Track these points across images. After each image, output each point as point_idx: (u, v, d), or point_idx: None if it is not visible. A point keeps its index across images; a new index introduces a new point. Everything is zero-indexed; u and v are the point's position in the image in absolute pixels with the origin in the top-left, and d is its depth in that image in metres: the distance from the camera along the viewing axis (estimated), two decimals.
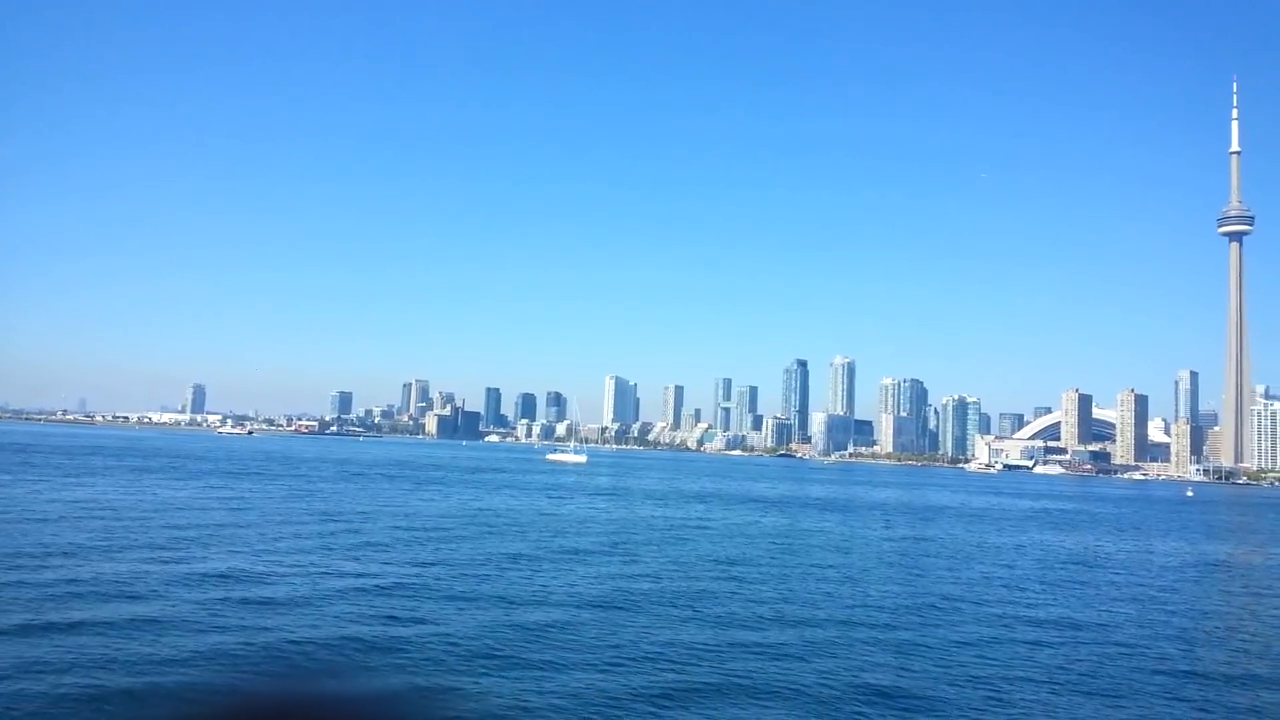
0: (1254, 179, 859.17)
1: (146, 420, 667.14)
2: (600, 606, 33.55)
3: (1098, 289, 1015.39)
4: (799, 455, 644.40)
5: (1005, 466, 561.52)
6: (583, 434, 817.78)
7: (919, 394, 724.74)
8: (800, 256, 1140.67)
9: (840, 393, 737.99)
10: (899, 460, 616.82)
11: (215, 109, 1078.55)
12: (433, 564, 41.90)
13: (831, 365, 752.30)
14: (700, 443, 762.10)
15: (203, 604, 30.06)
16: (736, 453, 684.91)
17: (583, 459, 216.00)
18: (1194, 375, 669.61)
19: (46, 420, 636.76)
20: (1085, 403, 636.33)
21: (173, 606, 29.47)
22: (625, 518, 74.31)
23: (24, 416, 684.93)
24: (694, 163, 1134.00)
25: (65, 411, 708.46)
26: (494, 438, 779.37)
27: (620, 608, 33.46)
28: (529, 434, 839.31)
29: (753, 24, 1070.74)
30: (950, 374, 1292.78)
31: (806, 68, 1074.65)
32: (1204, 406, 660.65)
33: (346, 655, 24.22)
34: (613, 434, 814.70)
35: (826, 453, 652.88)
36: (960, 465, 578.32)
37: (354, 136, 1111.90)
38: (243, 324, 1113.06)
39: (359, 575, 37.72)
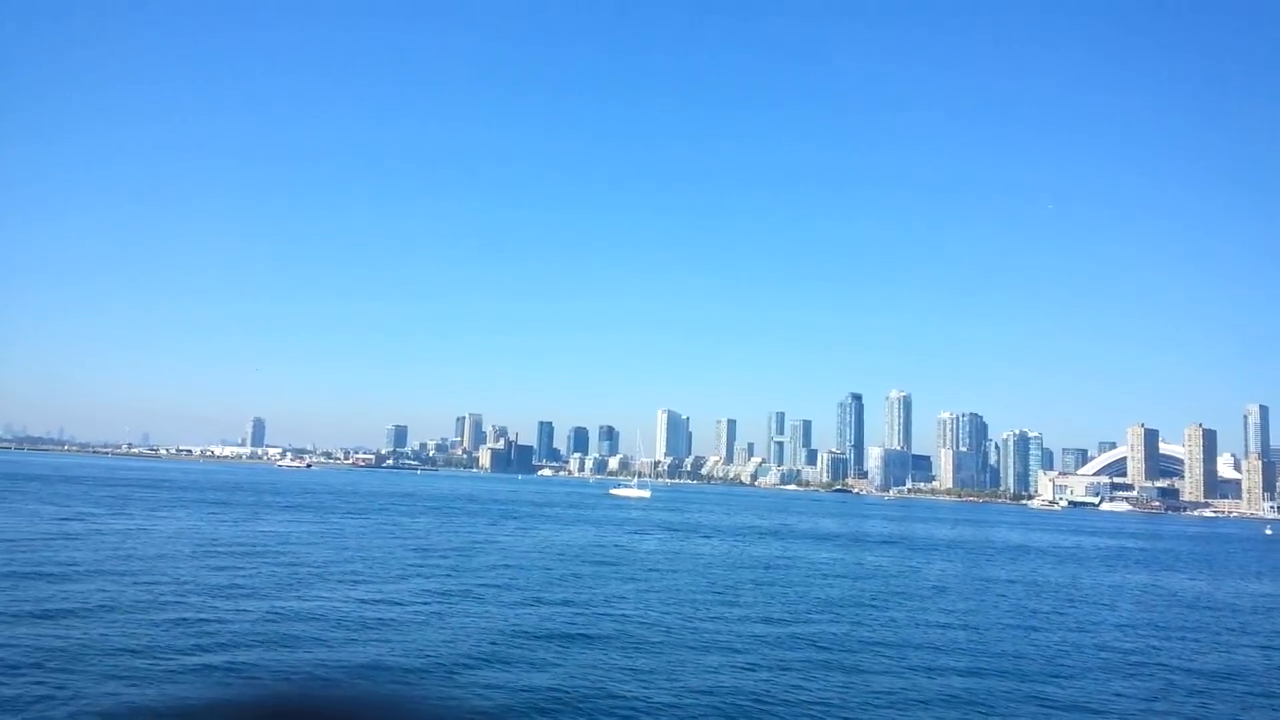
0: None
1: (210, 454, 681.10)
2: (763, 652, 33.53)
3: (1162, 321, 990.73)
4: (855, 491, 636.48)
5: (1070, 503, 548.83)
6: (635, 468, 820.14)
7: (978, 428, 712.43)
8: (854, 289, 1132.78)
9: (897, 427, 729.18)
10: (959, 497, 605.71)
11: (257, 132, 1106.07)
12: (564, 604, 41.92)
13: (887, 399, 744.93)
14: (754, 477, 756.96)
15: (384, 651, 30.64)
16: (791, 487, 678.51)
17: (646, 494, 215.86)
18: (1264, 409, 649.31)
19: (113, 453, 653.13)
20: (1151, 438, 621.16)
21: (364, 649, 30.15)
22: (712, 554, 74.06)
23: (90, 450, 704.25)
24: (747, 195, 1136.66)
25: (130, 445, 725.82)
26: (547, 471, 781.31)
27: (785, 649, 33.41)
28: (581, 468, 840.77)
29: (802, 53, 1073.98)
30: (1010, 408, 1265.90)
31: (861, 98, 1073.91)
32: (1275, 441, 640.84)
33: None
34: (665, 468, 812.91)
35: (884, 488, 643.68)
36: (1023, 502, 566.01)
37: (408, 164, 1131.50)
38: (299, 357, 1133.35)
39: (508, 616, 38.09)
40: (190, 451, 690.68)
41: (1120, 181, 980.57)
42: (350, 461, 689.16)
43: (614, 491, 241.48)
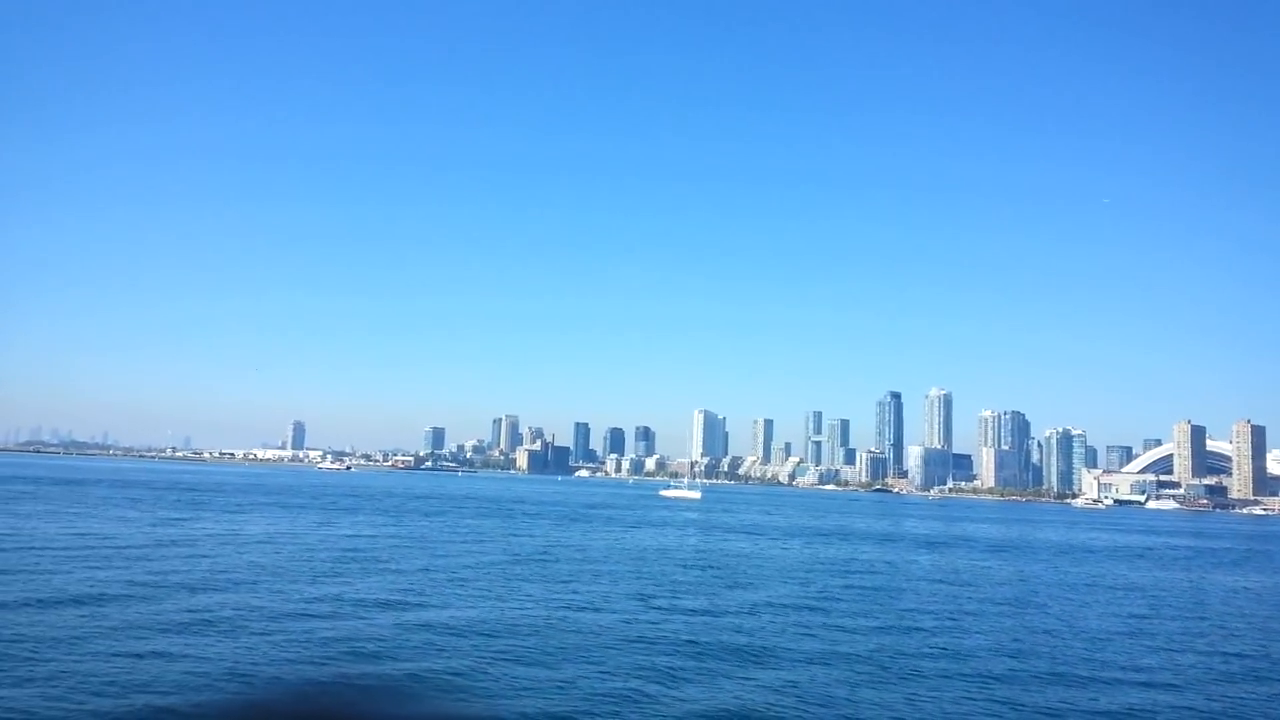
0: None
1: (252, 457, 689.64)
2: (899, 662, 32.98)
3: (1208, 316, 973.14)
4: (895, 490, 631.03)
5: (1115, 501, 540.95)
6: (672, 468, 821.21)
7: (1021, 426, 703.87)
8: (892, 289, 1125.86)
9: (937, 426, 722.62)
10: (1002, 495, 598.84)
11: (288, 131, 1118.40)
12: (696, 613, 41.62)
13: (927, 397, 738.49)
14: (792, 477, 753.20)
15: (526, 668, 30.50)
16: (830, 487, 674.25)
17: (697, 495, 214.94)
18: None
19: (158, 457, 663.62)
20: (1198, 434, 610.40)
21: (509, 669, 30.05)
22: (796, 558, 73.35)
23: (134, 454, 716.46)
24: (785, 195, 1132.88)
25: (174, 449, 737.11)
26: (584, 472, 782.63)
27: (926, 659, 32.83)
28: (618, 469, 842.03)
29: (840, 55, 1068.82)
30: (1053, 406, 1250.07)
31: (898, 98, 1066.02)
32: None
33: None
34: (702, 468, 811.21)
35: (924, 488, 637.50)
36: (1067, 501, 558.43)
37: (444, 165, 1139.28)
38: (336, 360, 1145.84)
39: (641, 624, 37.87)
40: (233, 455, 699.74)
41: (1161, 179, 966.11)
42: (390, 464, 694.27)
43: (664, 493, 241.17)
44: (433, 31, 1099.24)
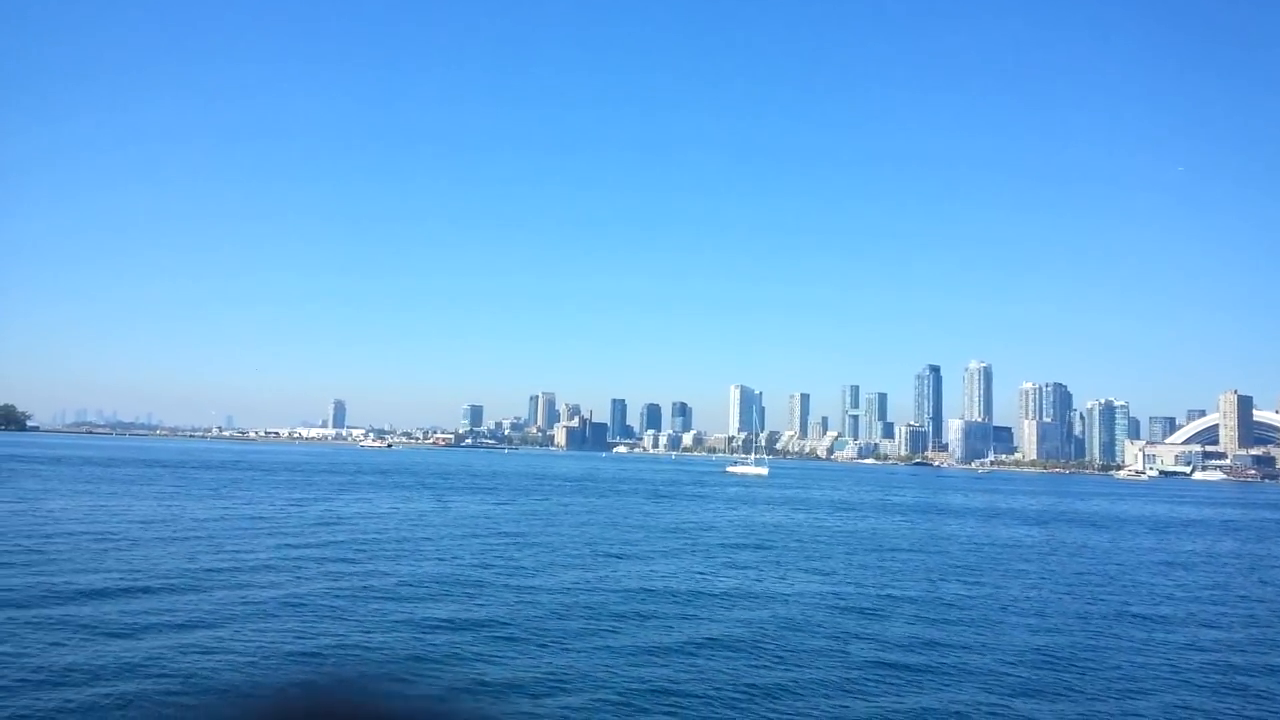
0: None
1: (298, 436, 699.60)
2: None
3: (1251, 283, 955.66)
4: (936, 464, 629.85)
5: (1161, 473, 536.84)
6: (709, 443, 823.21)
7: (1063, 398, 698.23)
8: (928, 262, 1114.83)
9: (976, 398, 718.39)
10: (1045, 468, 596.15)
11: (323, 111, 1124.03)
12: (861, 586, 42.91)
13: (967, 370, 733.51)
14: (830, 451, 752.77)
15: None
16: (869, 461, 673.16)
17: (764, 471, 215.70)
18: None
19: (206, 437, 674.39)
20: (1245, 404, 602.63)
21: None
22: (896, 531, 74.32)
23: (181, 434, 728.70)
24: (815, 174, 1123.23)
25: (220, 429, 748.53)
26: (621, 448, 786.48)
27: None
28: (655, 444, 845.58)
29: (890, 31, 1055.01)
30: (1093, 377, 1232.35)
31: (938, 77, 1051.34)
32: None
33: None
34: (739, 443, 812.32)
35: (965, 461, 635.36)
36: (1111, 473, 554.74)
37: (482, 143, 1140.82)
38: (374, 337, 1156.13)
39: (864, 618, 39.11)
40: (278, 434, 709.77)
41: (1205, 151, 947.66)
42: (431, 441, 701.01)
43: (730, 469, 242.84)
44: (463, 11, 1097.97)
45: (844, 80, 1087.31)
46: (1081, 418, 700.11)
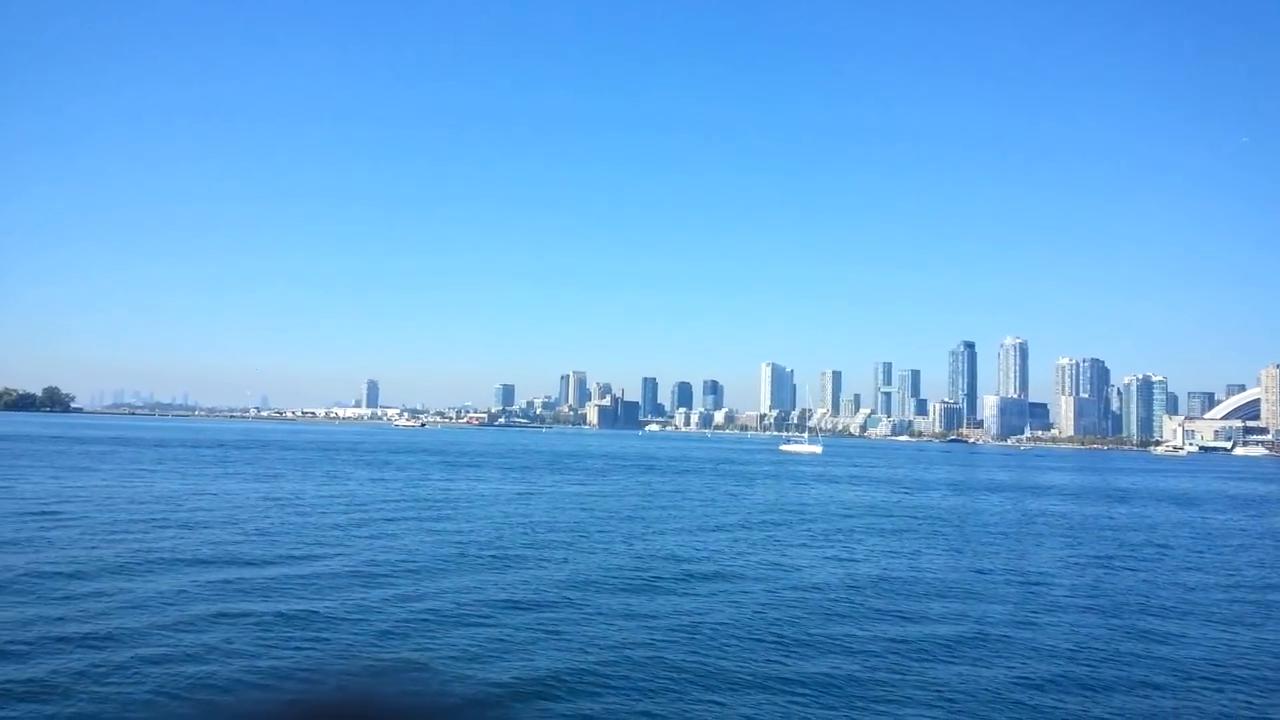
0: None
1: (335, 416, 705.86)
2: None
3: None
4: (971, 440, 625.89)
5: (1201, 449, 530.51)
6: (741, 421, 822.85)
7: (1100, 374, 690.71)
8: (961, 237, 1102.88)
9: (1012, 375, 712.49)
10: (1082, 444, 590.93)
11: (355, 91, 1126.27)
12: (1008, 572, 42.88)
13: (1002, 346, 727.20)
14: (864, 428, 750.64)
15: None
16: (903, 438, 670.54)
17: (818, 449, 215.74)
18: None
19: (244, 417, 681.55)
20: None
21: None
22: (991, 510, 74.15)
23: (218, 414, 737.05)
24: (849, 152, 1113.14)
25: (258, 409, 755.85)
26: (654, 427, 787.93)
27: None
28: (687, 422, 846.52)
29: (914, 10, 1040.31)
30: (1131, 352, 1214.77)
31: (960, 60, 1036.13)
32: None
33: None
34: (772, 421, 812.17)
35: (1001, 437, 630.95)
36: (1150, 449, 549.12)
37: (511, 123, 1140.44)
38: (405, 317, 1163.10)
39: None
40: (314, 414, 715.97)
41: (1234, 121, 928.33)
42: (465, 420, 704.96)
43: (784, 448, 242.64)
44: None
45: (879, 59, 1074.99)
46: (1119, 393, 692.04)
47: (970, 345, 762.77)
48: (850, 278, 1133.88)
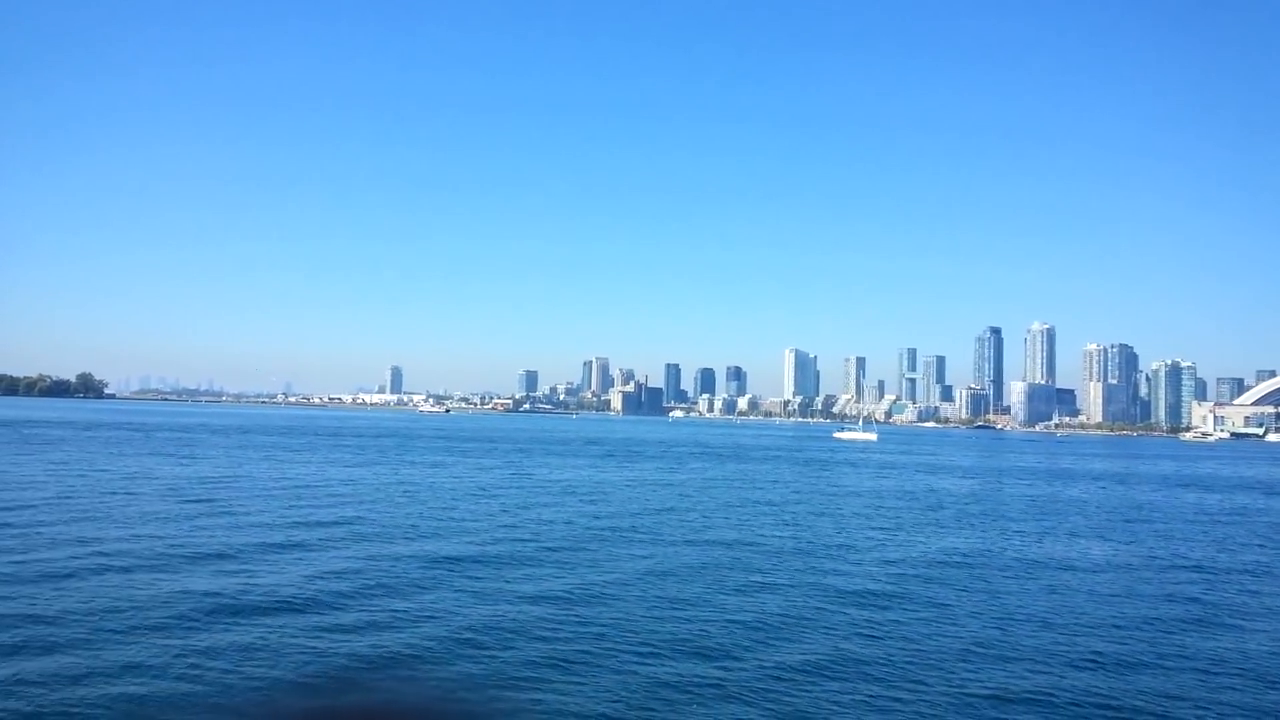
0: None
1: (361, 401, 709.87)
2: None
3: None
4: (998, 427, 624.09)
5: (1232, 435, 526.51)
6: (765, 407, 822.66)
7: (1128, 359, 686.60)
8: (985, 222, 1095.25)
9: (1039, 360, 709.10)
10: (1111, 430, 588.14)
11: (375, 77, 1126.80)
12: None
13: (1029, 331, 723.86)
14: (889, 414, 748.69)
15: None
16: (929, 425, 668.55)
17: (873, 436, 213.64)
18: None
19: (270, 403, 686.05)
20: None
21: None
22: (1085, 498, 73.71)
23: (245, 400, 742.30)
24: (871, 139, 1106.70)
25: (285, 395, 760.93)
26: (678, 413, 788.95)
27: None
28: (710, 408, 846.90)
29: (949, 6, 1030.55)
30: (1159, 337, 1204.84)
31: (990, 42, 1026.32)
32: None
33: None
34: (796, 407, 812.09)
35: (1028, 424, 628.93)
36: (1181, 435, 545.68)
37: (535, 110, 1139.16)
38: (430, 302, 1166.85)
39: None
40: (341, 400, 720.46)
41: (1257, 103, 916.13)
42: (489, 406, 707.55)
43: (838, 435, 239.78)
44: None
45: (901, 47, 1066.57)
46: (1147, 379, 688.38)
47: (996, 331, 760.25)
48: (873, 264, 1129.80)
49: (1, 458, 74.96)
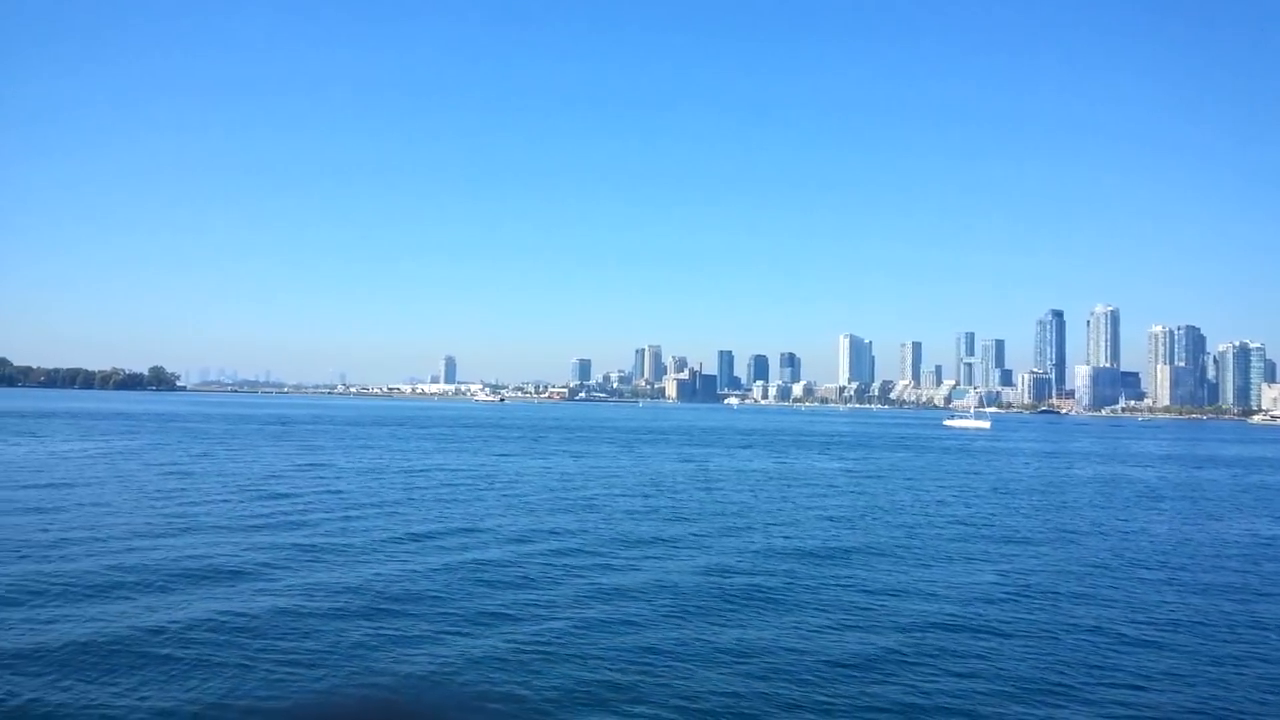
0: None
1: (420, 391, 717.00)
2: None
3: None
4: (1062, 411, 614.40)
5: None
6: (820, 394, 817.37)
7: (1195, 341, 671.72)
8: (1043, 205, 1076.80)
9: (1103, 343, 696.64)
10: (1180, 413, 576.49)
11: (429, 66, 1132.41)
12: None
13: (1092, 314, 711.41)
14: (948, 400, 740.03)
15: None
16: (991, 409, 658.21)
17: (986, 424, 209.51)
18: None
19: (329, 393, 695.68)
20: None
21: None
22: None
23: (304, 390, 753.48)
24: (928, 127, 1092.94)
25: (345, 385, 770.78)
26: (732, 400, 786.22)
27: None
28: (765, 395, 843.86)
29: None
30: (1226, 318, 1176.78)
31: (1052, 30, 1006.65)
32: None
33: None
34: (852, 393, 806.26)
35: (1093, 408, 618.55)
36: (1251, 418, 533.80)
37: (584, 101, 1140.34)
38: (484, 291, 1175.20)
39: None
40: (399, 390, 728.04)
41: None
42: (545, 395, 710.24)
43: (948, 423, 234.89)
44: None
45: (965, 37, 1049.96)
46: (1215, 361, 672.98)
47: (1059, 314, 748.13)
48: (929, 250, 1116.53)
49: (275, 453, 77.51)
